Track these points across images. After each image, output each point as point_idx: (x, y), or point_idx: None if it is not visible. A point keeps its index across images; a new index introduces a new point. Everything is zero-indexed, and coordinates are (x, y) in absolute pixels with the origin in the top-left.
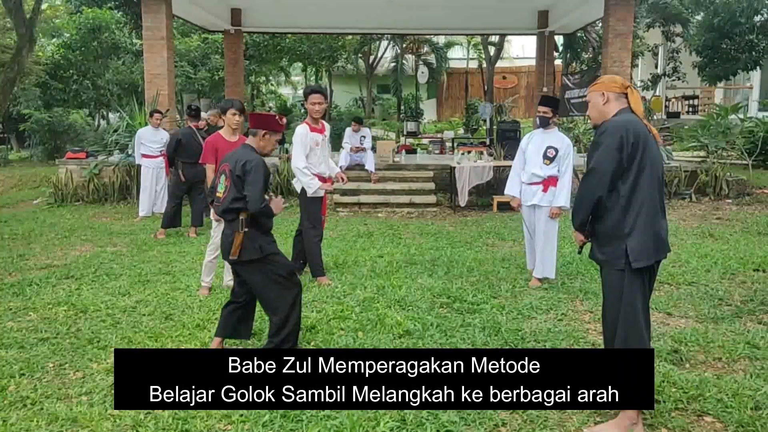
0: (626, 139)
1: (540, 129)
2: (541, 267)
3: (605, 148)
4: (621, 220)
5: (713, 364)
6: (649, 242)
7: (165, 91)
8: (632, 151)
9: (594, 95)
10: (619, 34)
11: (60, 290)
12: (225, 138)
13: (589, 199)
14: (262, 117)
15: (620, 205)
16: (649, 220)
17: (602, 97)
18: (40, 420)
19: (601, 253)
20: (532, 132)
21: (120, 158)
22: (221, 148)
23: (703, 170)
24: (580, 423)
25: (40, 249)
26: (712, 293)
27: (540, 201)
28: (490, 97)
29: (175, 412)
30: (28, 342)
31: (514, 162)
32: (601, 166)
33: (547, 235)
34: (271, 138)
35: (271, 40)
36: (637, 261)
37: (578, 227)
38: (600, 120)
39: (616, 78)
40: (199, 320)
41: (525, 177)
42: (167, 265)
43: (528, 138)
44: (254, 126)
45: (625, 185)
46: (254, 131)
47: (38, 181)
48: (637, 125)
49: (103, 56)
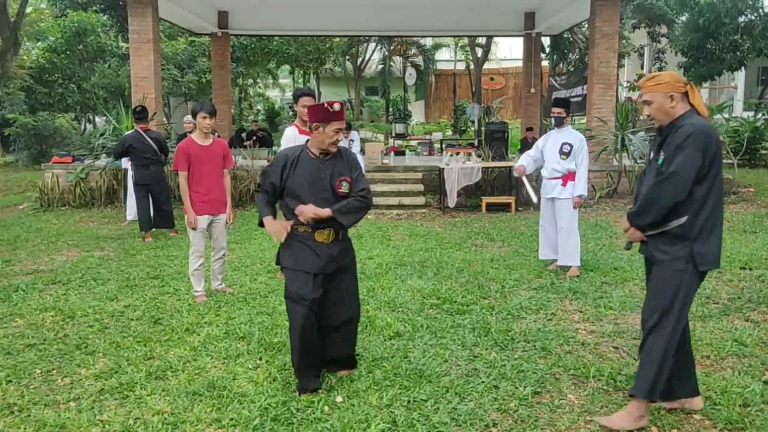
0: (710, 145)
1: (555, 129)
2: (565, 255)
3: (690, 153)
4: (691, 223)
5: (701, 361)
6: (715, 247)
7: (152, 94)
8: (713, 158)
9: (658, 96)
10: (606, 35)
11: (47, 296)
12: (197, 142)
13: (666, 203)
14: (313, 109)
15: (692, 209)
16: (717, 225)
17: (669, 98)
18: (28, 427)
19: (662, 252)
20: (548, 132)
21: (107, 162)
22: (194, 153)
23: None
24: (570, 422)
25: (26, 254)
26: (700, 291)
27: (560, 194)
28: (478, 98)
29: (164, 417)
30: (14, 348)
31: (530, 151)
32: (684, 171)
33: (569, 227)
34: (326, 129)
35: (258, 42)
36: (704, 265)
37: (644, 226)
38: (665, 121)
39: (678, 76)
40: (188, 324)
41: (546, 173)
42: (155, 269)
43: (545, 138)
44: (310, 121)
45: (700, 190)
46: (311, 126)
47: (24, 186)
48: (714, 131)
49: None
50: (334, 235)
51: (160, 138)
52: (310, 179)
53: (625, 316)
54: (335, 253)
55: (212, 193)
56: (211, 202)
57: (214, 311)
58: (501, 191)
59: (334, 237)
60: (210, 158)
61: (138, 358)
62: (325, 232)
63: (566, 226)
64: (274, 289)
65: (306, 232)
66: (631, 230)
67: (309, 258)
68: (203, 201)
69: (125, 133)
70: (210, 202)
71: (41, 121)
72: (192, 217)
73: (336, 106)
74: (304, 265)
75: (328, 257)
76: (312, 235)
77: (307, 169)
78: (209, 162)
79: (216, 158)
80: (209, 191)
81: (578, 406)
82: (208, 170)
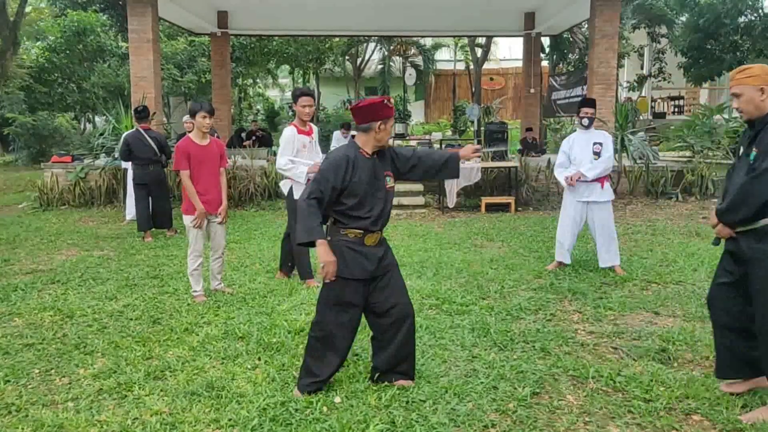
0: None
1: (580, 130)
2: (606, 256)
3: None
4: None
5: (701, 362)
6: None
7: (151, 94)
8: None
9: (748, 89)
10: (605, 35)
11: (46, 295)
12: (195, 142)
13: (760, 200)
14: (369, 107)
15: None
16: None
17: (759, 92)
18: (26, 427)
19: (752, 250)
20: (570, 136)
21: (106, 162)
22: (193, 152)
23: (689, 170)
24: (569, 423)
25: (26, 254)
26: (699, 292)
27: (599, 197)
28: (478, 98)
29: (163, 417)
30: (13, 348)
31: (559, 161)
32: None
33: (608, 227)
34: (387, 125)
35: (257, 42)
36: None
37: (735, 222)
38: (755, 115)
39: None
40: (187, 324)
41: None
42: (155, 269)
43: (569, 142)
44: (364, 120)
45: None
46: (366, 127)
47: (23, 185)
48: None
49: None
50: (379, 238)
51: (161, 138)
52: (368, 179)
53: (624, 316)
54: (381, 254)
55: (210, 192)
56: (209, 202)
57: (213, 311)
58: (500, 191)
59: (379, 239)
60: (208, 158)
61: (137, 358)
62: (374, 236)
63: (608, 227)
64: (273, 290)
65: (356, 238)
66: (720, 227)
67: (361, 264)
68: (202, 200)
69: (125, 133)
70: (208, 202)
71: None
72: (202, 215)
73: (392, 101)
74: (357, 273)
75: (378, 260)
76: (362, 240)
77: (365, 169)
78: (207, 162)
79: (213, 158)
80: (207, 191)
81: (577, 407)
82: (206, 170)
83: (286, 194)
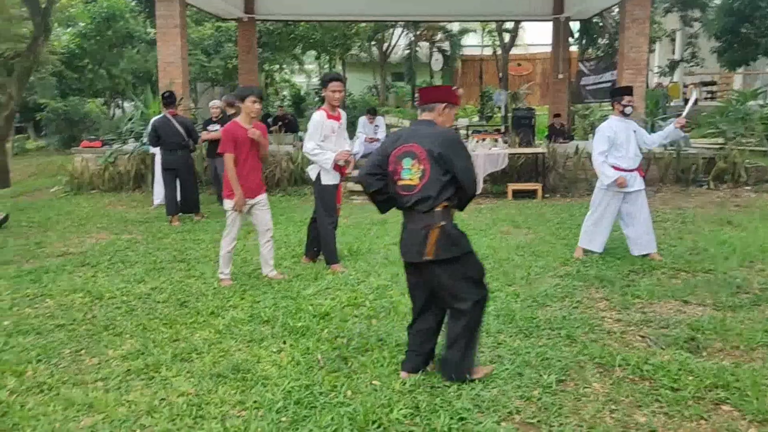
0: None
1: (619, 117)
2: (644, 243)
3: None
4: None
5: (731, 352)
6: None
7: (179, 79)
8: None
9: None
10: (636, 20)
11: (76, 277)
12: (242, 126)
13: None
14: (438, 90)
15: None
16: None
17: None
18: (57, 405)
19: None
20: (609, 122)
21: (135, 147)
22: (240, 137)
23: (722, 157)
24: (595, 411)
25: (57, 237)
26: (730, 281)
27: (640, 185)
28: (505, 84)
29: (189, 398)
30: (45, 328)
31: (602, 148)
32: None
33: (646, 214)
34: (451, 112)
35: (284, 27)
36: None
37: None
38: None
39: None
40: (214, 307)
41: (624, 163)
42: (182, 253)
43: (610, 128)
44: (429, 100)
45: None
46: (430, 106)
47: (55, 169)
48: None
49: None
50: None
51: (188, 123)
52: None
53: (652, 305)
54: None
55: (252, 176)
56: (251, 186)
57: (239, 295)
58: (527, 178)
59: None
60: (253, 143)
61: (164, 339)
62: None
63: (646, 214)
64: (299, 274)
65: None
66: None
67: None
68: (243, 185)
69: (153, 118)
70: (250, 186)
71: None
72: (242, 200)
73: (461, 92)
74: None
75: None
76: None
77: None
78: (254, 146)
79: (257, 143)
80: (250, 175)
81: (603, 394)
82: (252, 155)
83: (314, 179)
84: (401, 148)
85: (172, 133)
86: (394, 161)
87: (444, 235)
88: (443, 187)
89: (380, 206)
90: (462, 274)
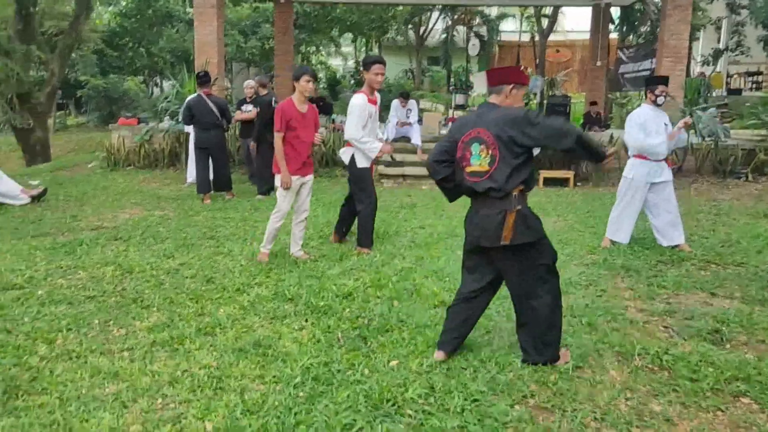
0: None
1: (651, 106)
2: (673, 234)
3: None
4: None
5: (756, 346)
6: None
7: (214, 59)
8: None
9: None
10: (679, 6)
11: (108, 251)
12: (296, 106)
13: None
14: (506, 70)
15: None
16: None
17: None
18: (84, 372)
19: None
20: (640, 109)
21: (170, 125)
22: (294, 117)
23: (762, 149)
24: (610, 398)
25: (92, 211)
26: (762, 275)
27: (668, 176)
28: (542, 70)
29: (210, 371)
30: (76, 299)
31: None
32: None
33: (674, 205)
34: (519, 93)
35: (321, 9)
36: None
37: None
38: None
39: None
40: (239, 284)
41: (654, 155)
42: (211, 230)
43: (639, 115)
44: (497, 82)
45: None
46: (498, 88)
47: (94, 145)
48: None
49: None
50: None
51: (222, 103)
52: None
53: (678, 296)
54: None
55: (304, 155)
56: (303, 165)
57: (265, 273)
58: (560, 165)
59: None
60: (305, 123)
61: (189, 314)
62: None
63: (675, 204)
64: (325, 254)
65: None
66: None
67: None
68: (296, 163)
69: (188, 98)
70: (302, 165)
71: (111, 84)
72: (287, 178)
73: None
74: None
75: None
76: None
77: None
78: (306, 126)
79: (310, 123)
80: (301, 154)
81: (620, 382)
82: (304, 134)
83: (347, 163)
84: (469, 133)
85: (205, 113)
86: (462, 147)
87: (521, 218)
88: (516, 171)
89: (448, 193)
90: (534, 261)
